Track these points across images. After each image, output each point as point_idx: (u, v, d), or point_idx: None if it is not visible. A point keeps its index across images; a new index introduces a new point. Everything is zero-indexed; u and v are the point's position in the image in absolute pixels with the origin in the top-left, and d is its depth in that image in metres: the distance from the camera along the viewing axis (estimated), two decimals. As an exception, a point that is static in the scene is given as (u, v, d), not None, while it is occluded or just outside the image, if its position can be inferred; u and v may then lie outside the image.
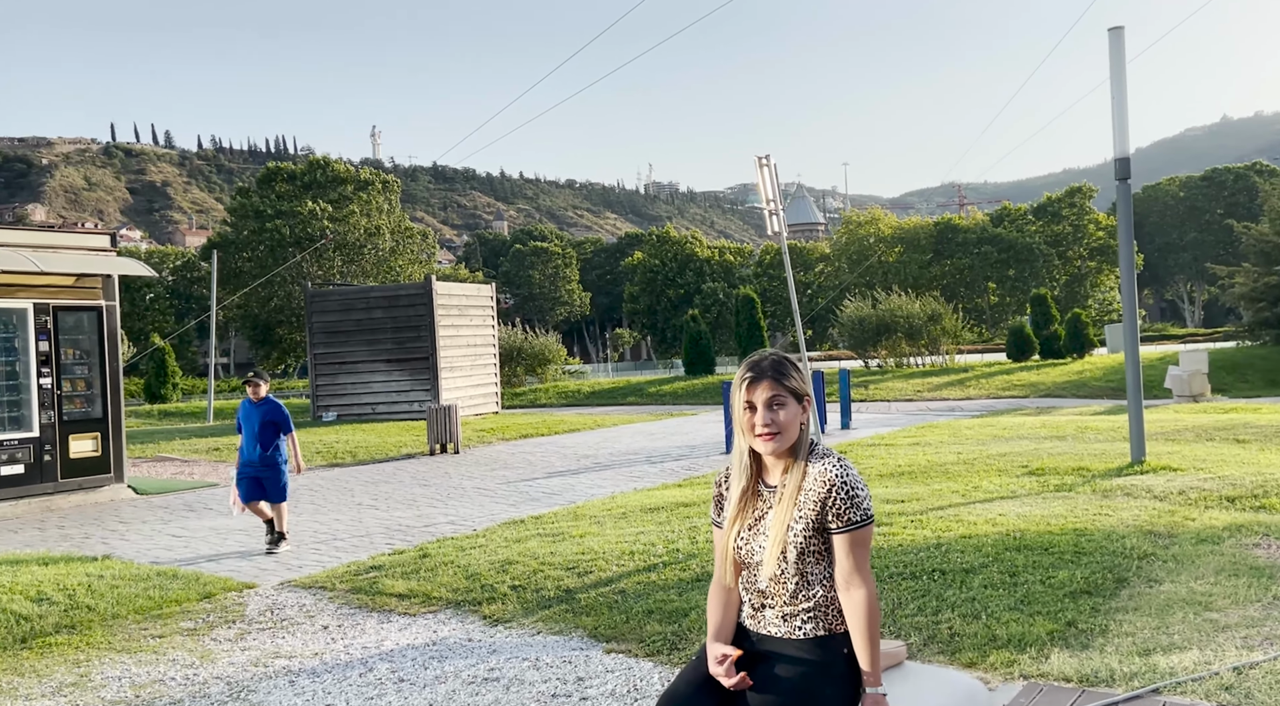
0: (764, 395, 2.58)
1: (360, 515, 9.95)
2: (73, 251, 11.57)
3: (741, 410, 2.62)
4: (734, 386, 2.67)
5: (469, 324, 20.93)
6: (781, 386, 2.58)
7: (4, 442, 10.70)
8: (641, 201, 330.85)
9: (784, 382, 2.59)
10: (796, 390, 2.61)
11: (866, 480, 10.06)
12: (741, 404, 2.62)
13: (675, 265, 73.04)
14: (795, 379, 2.62)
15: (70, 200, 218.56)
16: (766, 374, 2.59)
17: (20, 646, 5.85)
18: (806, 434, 2.67)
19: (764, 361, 2.63)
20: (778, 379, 2.59)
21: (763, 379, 2.59)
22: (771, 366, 2.61)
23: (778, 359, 2.64)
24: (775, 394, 2.58)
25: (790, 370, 2.62)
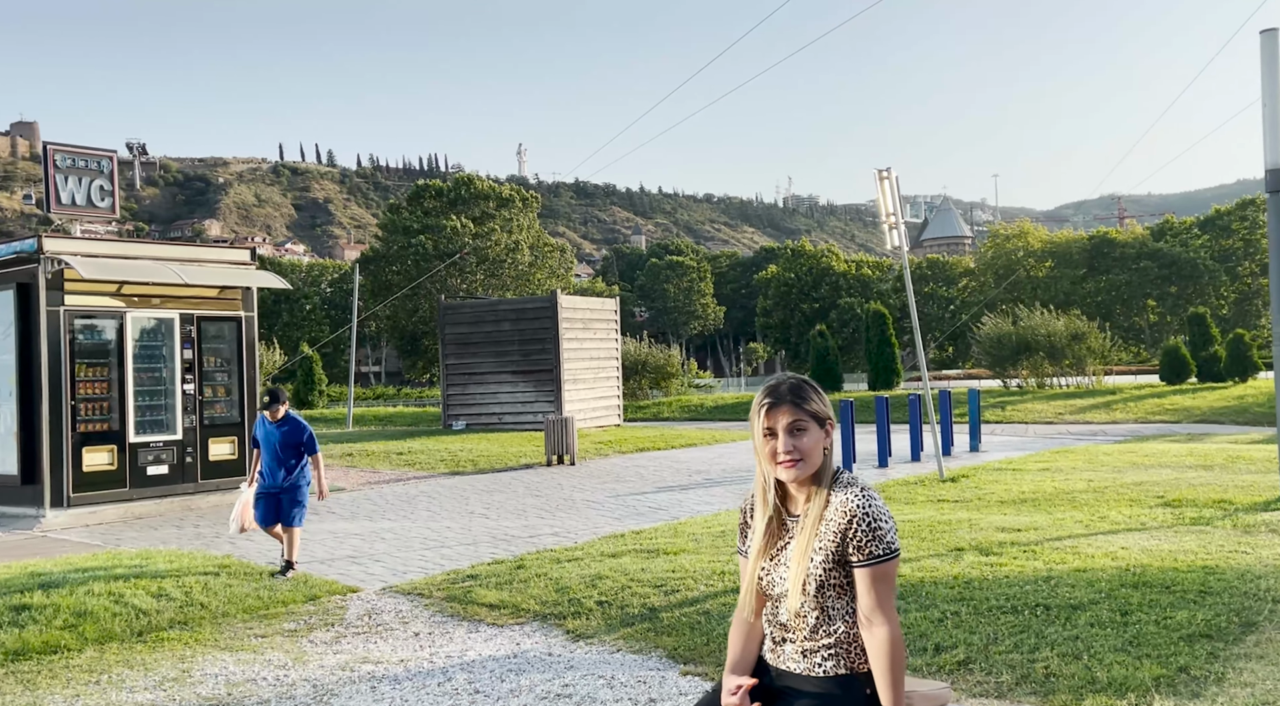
0: (784, 420, 2.47)
1: (470, 523, 10.15)
2: (215, 265, 12.31)
3: (762, 437, 2.52)
4: (752, 413, 2.56)
5: (592, 337, 21.19)
6: (802, 411, 2.47)
7: (150, 444, 11.44)
8: (779, 215, 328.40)
9: (804, 407, 2.48)
10: (818, 414, 2.49)
11: (984, 506, 9.59)
12: (761, 430, 2.51)
13: (810, 279, 72.07)
14: (816, 402, 2.51)
15: (242, 216, 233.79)
16: (785, 399, 2.48)
17: (136, 639, 6.20)
18: (830, 460, 2.54)
19: (782, 385, 2.53)
20: (797, 403, 2.48)
21: (782, 404, 2.48)
22: (790, 390, 2.50)
23: (796, 383, 2.53)
24: (796, 419, 2.47)
25: (810, 393, 2.51)
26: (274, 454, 7.88)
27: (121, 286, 11.29)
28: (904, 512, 9.38)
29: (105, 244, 11.72)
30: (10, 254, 11.05)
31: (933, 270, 71.27)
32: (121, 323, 11.23)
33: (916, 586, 6.27)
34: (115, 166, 12.55)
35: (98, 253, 11.22)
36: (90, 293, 11.02)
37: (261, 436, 7.99)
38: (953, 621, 5.49)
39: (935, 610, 5.69)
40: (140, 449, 11.34)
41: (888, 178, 11.83)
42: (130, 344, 11.27)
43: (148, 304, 11.47)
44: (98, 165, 12.33)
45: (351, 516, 10.81)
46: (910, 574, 6.58)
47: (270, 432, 7.91)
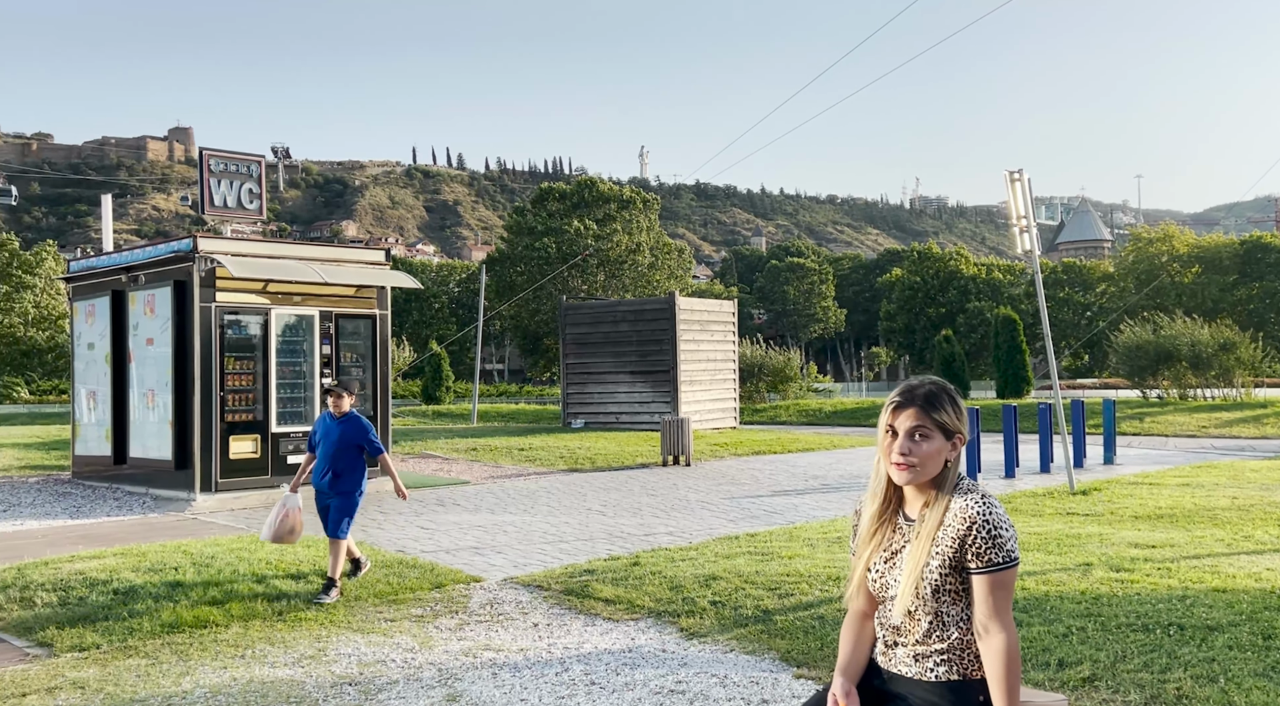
0: (907, 423, 2.45)
1: (588, 519, 10.35)
2: (352, 265, 12.90)
3: (883, 433, 2.52)
4: (883, 408, 2.56)
5: (710, 339, 21.22)
6: (929, 417, 2.44)
7: (290, 434, 12.07)
8: (906, 216, 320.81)
9: (932, 414, 2.44)
10: (946, 425, 2.45)
11: (1117, 521, 9.20)
12: (884, 427, 2.51)
13: (937, 283, 70.19)
14: (948, 413, 2.45)
15: (376, 217, 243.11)
16: (915, 402, 2.45)
17: (277, 618, 6.58)
18: (952, 472, 2.51)
19: (919, 388, 2.49)
20: (926, 409, 2.44)
21: (910, 406, 2.45)
22: (924, 395, 2.46)
23: (934, 389, 2.48)
24: (920, 424, 2.44)
25: (944, 403, 2.46)
26: (329, 453, 7.15)
27: (267, 284, 11.95)
28: (1030, 525, 9.10)
29: (253, 244, 12.43)
30: (169, 253, 11.85)
31: (1068, 274, 68.44)
32: (266, 319, 11.89)
33: (1041, 600, 6.09)
34: (263, 170, 13.29)
35: (246, 252, 11.92)
36: (239, 290, 11.71)
37: (320, 433, 7.26)
38: (1078, 637, 5.32)
39: (1060, 625, 5.53)
40: (281, 438, 11.98)
41: (1019, 180, 11.48)
42: (274, 339, 11.92)
43: (290, 301, 12.11)
44: (247, 169, 13.09)
45: (475, 509, 11.16)
46: (1034, 587, 6.40)
47: (331, 429, 7.20)
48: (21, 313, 55.93)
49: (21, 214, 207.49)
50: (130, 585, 6.88)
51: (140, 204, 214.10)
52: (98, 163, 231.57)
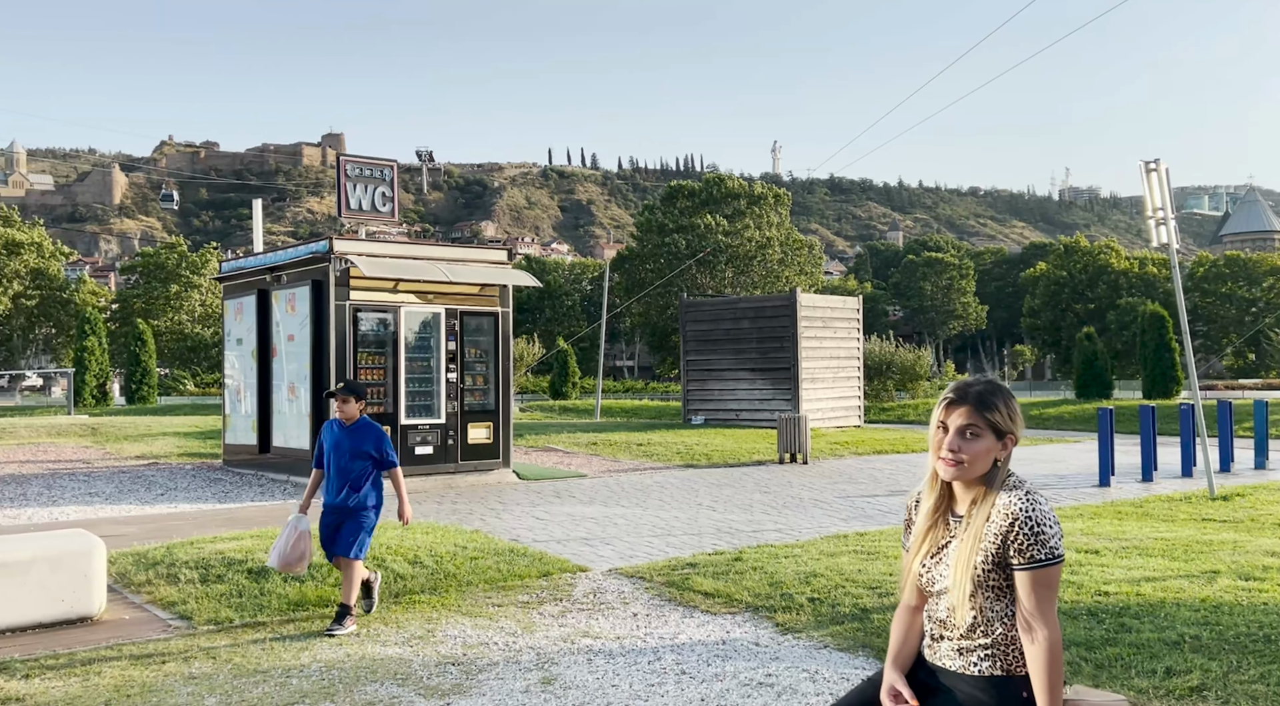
0: (959, 420, 2.48)
1: (698, 514, 10.44)
2: (477, 264, 13.38)
3: (935, 429, 2.54)
4: (936, 404, 2.59)
5: (833, 336, 20.95)
6: (981, 416, 2.46)
7: (418, 427, 12.63)
8: (1054, 209, 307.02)
9: (984, 413, 2.46)
10: (998, 425, 2.47)
11: (1257, 528, 8.67)
12: (936, 423, 2.54)
13: (1085, 278, 66.98)
14: (1000, 413, 2.47)
15: (514, 218, 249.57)
16: (968, 399, 2.48)
17: (393, 600, 6.94)
18: (1001, 471, 2.51)
19: (973, 386, 2.52)
20: (979, 408, 2.47)
21: (963, 403, 2.48)
22: (978, 393, 2.49)
23: (989, 387, 2.51)
24: (971, 422, 2.46)
25: (998, 403, 2.48)
26: (340, 466, 6.27)
27: (397, 283, 12.53)
28: (1159, 530, 8.68)
29: (383, 245, 13.05)
30: (307, 254, 12.57)
31: (1231, 268, 64.16)
32: (396, 316, 12.47)
33: (1156, 606, 5.84)
34: (395, 175, 13.92)
35: (377, 253, 12.53)
36: (371, 289, 12.32)
37: (329, 443, 6.36)
38: (1191, 645, 5.09)
39: (1173, 632, 5.30)
40: (410, 430, 12.54)
41: (1156, 170, 10.93)
42: (403, 335, 12.49)
43: (418, 299, 12.66)
44: (380, 174, 13.75)
45: (589, 501, 11.42)
46: (1151, 593, 6.13)
47: (341, 439, 6.31)
48: (189, 310, 60.16)
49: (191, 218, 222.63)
50: (263, 565, 7.38)
51: (296, 207, 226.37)
52: (258, 168, 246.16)
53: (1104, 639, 5.29)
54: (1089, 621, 5.62)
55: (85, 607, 6.33)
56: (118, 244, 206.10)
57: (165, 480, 13.33)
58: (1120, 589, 6.25)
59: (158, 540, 8.66)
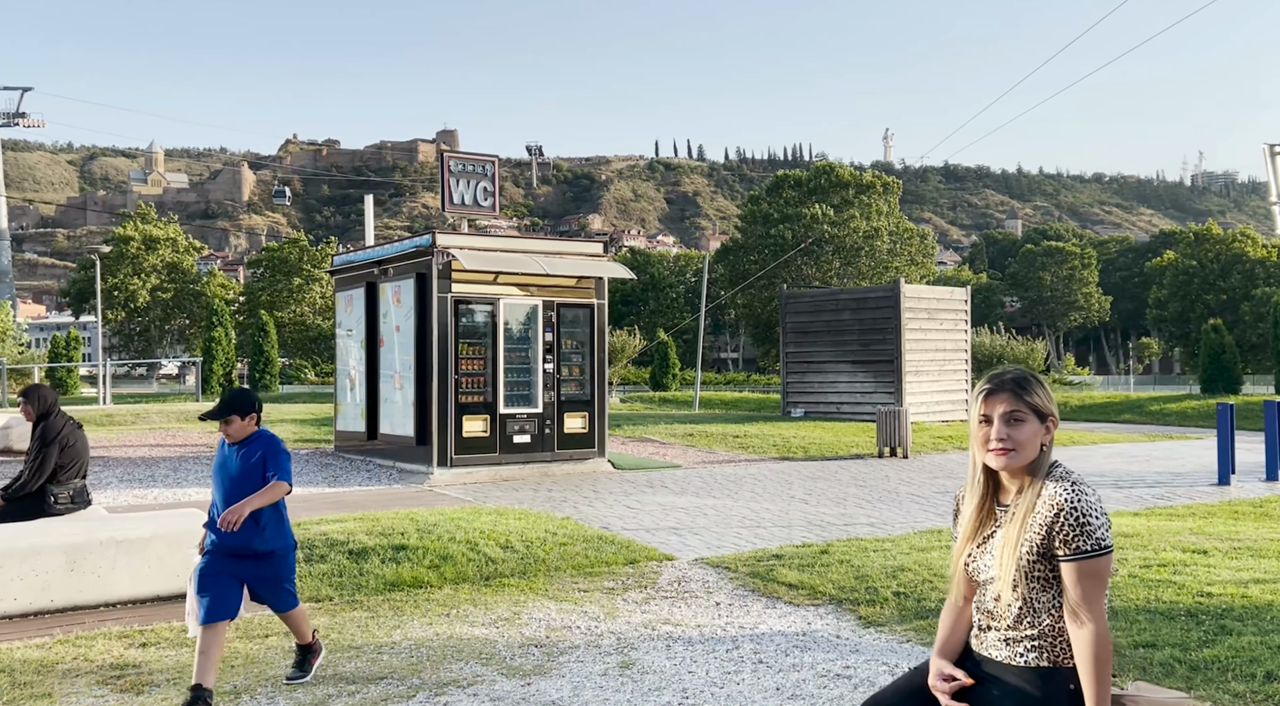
0: (1001, 408, 2.50)
1: (789, 506, 10.40)
2: (573, 257, 13.59)
3: (977, 423, 2.55)
4: (972, 399, 2.61)
5: (938, 328, 20.45)
6: (1022, 401, 2.49)
7: (517, 416, 12.93)
8: (1185, 195, 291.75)
9: (1025, 398, 2.49)
10: (1039, 407, 2.49)
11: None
12: (978, 417, 2.55)
13: (1217, 267, 63.47)
14: (1038, 396, 2.51)
15: (620, 210, 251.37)
16: (1007, 387, 2.52)
17: (484, 583, 7.17)
18: (1047, 456, 2.51)
19: (1006, 375, 2.57)
20: (1019, 393, 2.50)
21: (1002, 392, 2.51)
22: (1013, 380, 2.54)
23: (1021, 374, 2.56)
24: (1014, 409, 2.49)
25: (1034, 386, 2.52)
26: (228, 493, 4.73)
27: (497, 276, 12.84)
28: (1278, 531, 8.24)
29: (483, 238, 13.38)
30: (412, 248, 13.00)
31: (1381, 256, 59.80)
32: (495, 308, 12.78)
33: (1261, 609, 5.58)
34: (496, 170, 14.24)
35: (477, 246, 12.86)
36: (471, 281, 12.66)
37: (217, 465, 4.86)
38: (1295, 652, 4.85)
39: (1277, 636, 5.06)
40: (508, 419, 12.85)
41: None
42: (502, 326, 12.80)
43: (517, 292, 12.94)
44: (482, 169, 14.09)
45: (681, 492, 11.49)
46: (1258, 595, 5.86)
47: (227, 457, 4.81)
48: (310, 302, 62.74)
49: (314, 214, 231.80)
50: (363, 547, 7.71)
51: (411, 202, 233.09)
52: (376, 165, 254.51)
53: (1201, 641, 5.09)
54: (1187, 622, 5.41)
55: (198, 582, 6.74)
56: (246, 239, 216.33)
57: (280, 464, 13.99)
58: (1225, 590, 5.99)
59: (269, 521, 9.11)
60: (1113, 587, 6.23)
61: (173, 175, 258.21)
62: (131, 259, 59.49)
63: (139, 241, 59.80)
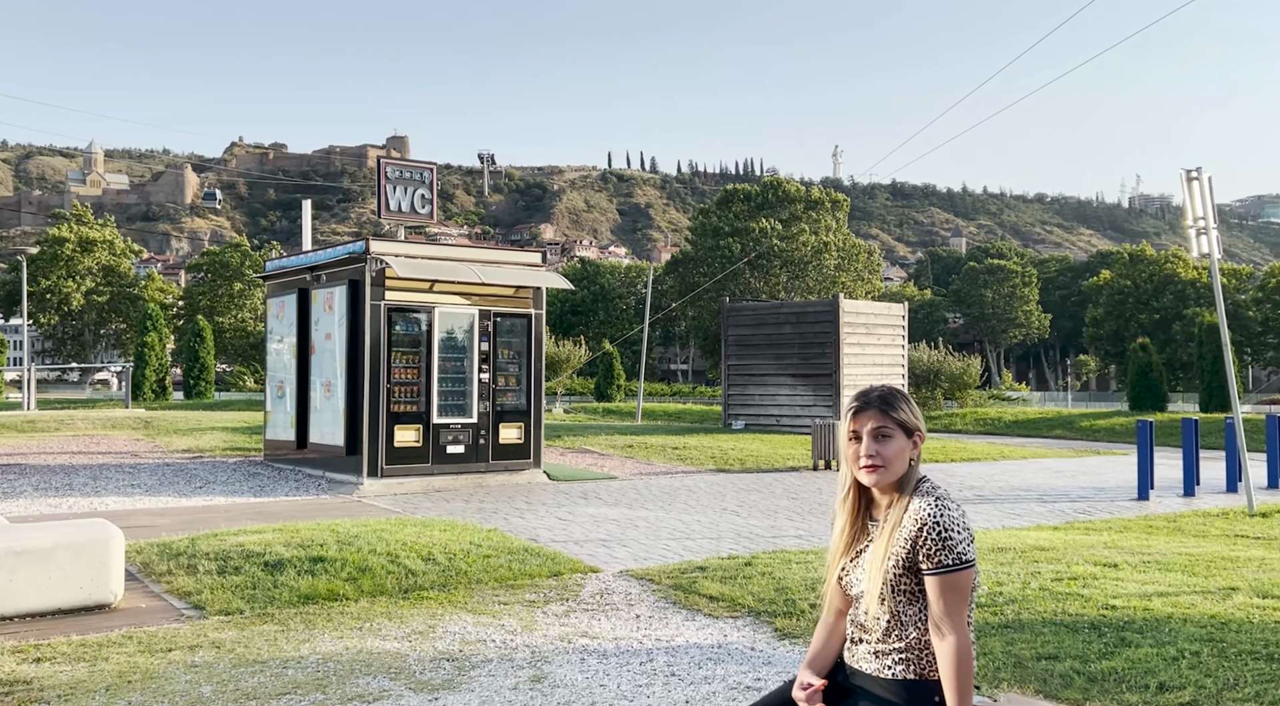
0: (870, 425, 2.54)
1: (720, 519, 10.43)
2: (510, 267, 13.52)
3: (848, 440, 2.58)
4: (842, 416, 2.65)
5: (876, 343, 20.72)
6: (889, 418, 2.53)
7: (450, 426, 12.80)
8: (1123, 216, 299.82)
9: (891, 414, 2.54)
10: (905, 423, 2.53)
11: (1264, 545, 8.39)
12: (848, 434, 2.58)
13: (1150, 287, 65.34)
14: (905, 412, 2.55)
15: (572, 220, 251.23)
16: (874, 404, 2.56)
17: (402, 596, 7.06)
18: (915, 470, 2.56)
19: (873, 392, 2.61)
20: (884, 410, 2.54)
21: (869, 409, 2.56)
22: (880, 397, 2.58)
23: (889, 391, 2.61)
24: (881, 425, 2.53)
25: (901, 403, 2.57)
26: None
27: (433, 284, 12.72)
28: (1187, 545, 8.45)
29: (418, 246, 13.26)
30: (345, 254, 12.84)
31: (1307, 279, 61.99)
32: (430, 317, 12.66)
33: (1162, 621, 5.70)
34: (434, 177, 14.14)
35: (412, 254, 12.74)
36: (406, 289, 12.53)
37: None
38: (1189, 661, 4.97)
39: (1172, 647, 5.18)
40: (441, 429, 12.72)
41: (1198, 179, 10.66)
42: (437, 335, 12.68)
43: (452, 300, 12.84)
44: (420, 176, 13.97)
45: (614, 503, 11.47)
46: (1159, 608, 5.99)
47: None
48: (252, 308, 61.73)
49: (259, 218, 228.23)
50: (280, 558, 7.56)
51: (360, 208, 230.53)
52: (324, 170, 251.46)
53: (1101, 652, 5.18)
54: (1089, 634, 5.51)
55: (103, 595, 6.55)
56: (188, 242, 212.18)
57: (206, 473, 13.70)
58: (1129, 603, 6.11)
59: (188, 531, 8.91)
60: (1024, 599, 6.33)
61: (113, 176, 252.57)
62: (66, 261, 58.01)
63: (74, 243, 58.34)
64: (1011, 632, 5.64)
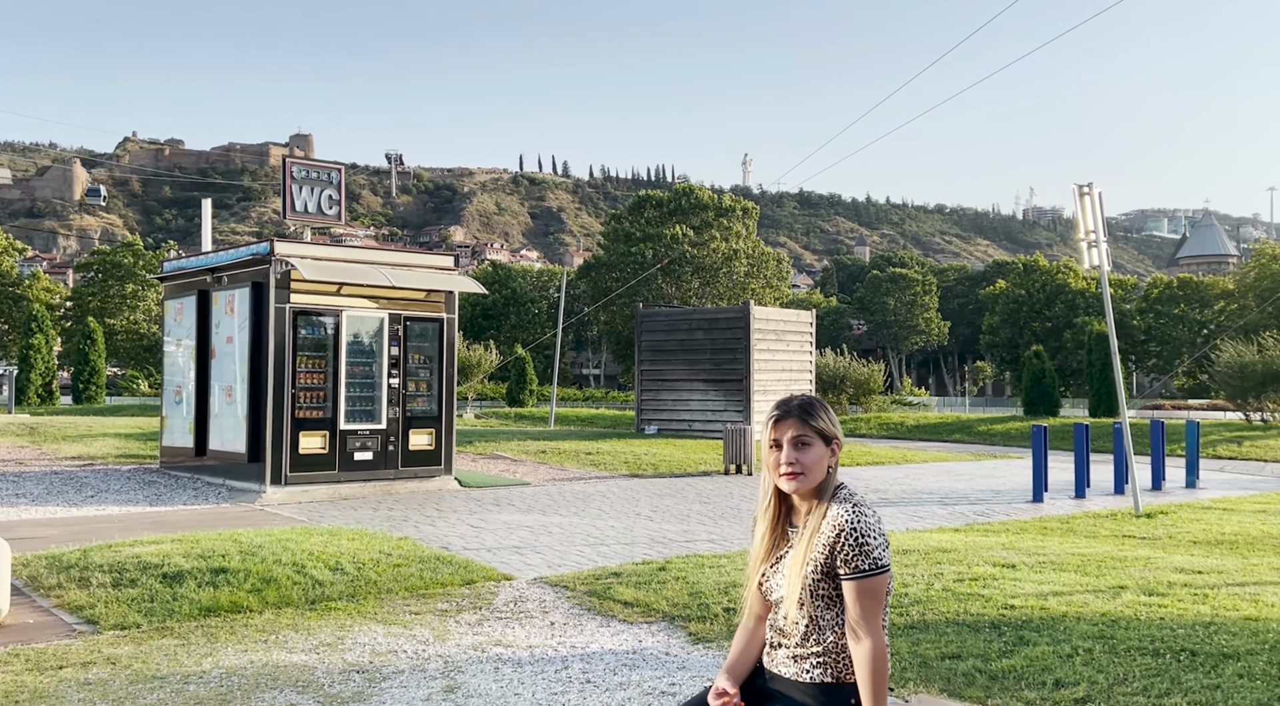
0: (789, 433, 2.58)
1: (634, 524, 10.46)
2: (421, 270, 13.33)
3: (768, 448, 2.63)
4: (763, 425, 2.70)
5: (785, 349, 21.10)
6: (808, 426, 2.58)
7: (358, 432, 12.54)
8: (1018, 228, 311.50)
9: (810, 423, 2.59)
10: (824, 431, 2.59)
11: (1172, 546, 8.85)
12: (769, 442, 2.63)
13: (1043, 297, 67.99)
14: (824, 420, 2.60)
15: (483, 223, 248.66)
16: (794, 413, 2.61)
17: (309, 607, 6.88)
18: (833, 477, 2.62)
19: (793, 401, 2.65)
20: (804, 418, 2.59)
21: (789, 417, 2.60)
22: (799, 406, 2.63)
23: (808, 400, 2.66)
24: (800, 433, 2.58)
25: (819, 412, 2.62)
26: None
27: (340, 287, 12.45)
28: (1079, 546, 8.82)
29: (326, 248, 12.96)
30: (248, 255, 12.47)
31: (1184, 290, 65.41)
32: (338, 320, 12.39)
33: (1057, 619, 5.94)
34: (342, 178, 13.85)
35: (319, 256, 12.45)
36: (312, 292, 12.24)
37: None
38: (1083, 658, 5.19)
39: (1067, 645, 5.40)
40: (349, 436, 12.46)
41: (1089, 194, 11.17)
42: (344, 340, 12.41)
43: (361, 304, 12.59)
44: (327, 176, 13.67)
45: (528, 510, 11.40)
46: (1054, 607, 6.24)
47: None
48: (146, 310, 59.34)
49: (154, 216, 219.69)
50: (179, 570, 7.29)
51: (262, 208, 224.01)
52: (224, 167, 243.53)
53: (1001, 651, 5.37)
54: (990, 634, 5.71)
55: (-13, 610, 6.22)
56: (77, 241, 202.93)
57: (98, 482, 13.13)
58: (1027, 602, 6.35)
59: (79, 543, 8.53)
60: (928, 600, 6.52)
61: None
62: (-59, 258, 54.89)
63: (-50, 239, 55.23)
64: (917, 633, 5.80)
